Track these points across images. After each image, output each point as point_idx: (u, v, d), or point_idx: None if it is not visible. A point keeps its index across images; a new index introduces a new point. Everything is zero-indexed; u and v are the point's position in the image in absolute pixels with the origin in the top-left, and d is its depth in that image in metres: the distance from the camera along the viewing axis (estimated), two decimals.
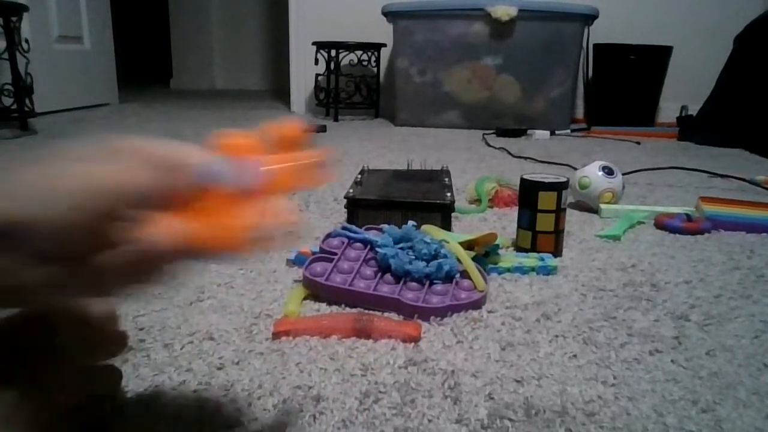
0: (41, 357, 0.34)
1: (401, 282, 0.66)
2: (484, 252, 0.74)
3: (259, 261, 0.77)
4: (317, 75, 2.57)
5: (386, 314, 0.61)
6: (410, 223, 0.75)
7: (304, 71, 2.74)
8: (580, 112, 2.65)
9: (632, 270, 0.77)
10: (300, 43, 2.74)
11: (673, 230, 0.95)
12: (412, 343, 0.56)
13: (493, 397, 0.47)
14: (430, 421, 0.44)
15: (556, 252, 0.81)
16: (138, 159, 0.28)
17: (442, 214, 0.86)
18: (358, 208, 0.88)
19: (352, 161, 1.52)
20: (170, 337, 0.55)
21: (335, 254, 0.70)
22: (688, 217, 0.97)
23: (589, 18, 2.25)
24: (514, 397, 0.47)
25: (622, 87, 2.44)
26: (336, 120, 2.50)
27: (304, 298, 0.65)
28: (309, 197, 1.12)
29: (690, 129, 2.13)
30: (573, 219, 1.01)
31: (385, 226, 0.75)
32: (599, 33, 2.42)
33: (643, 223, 1.00)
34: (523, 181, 0.82)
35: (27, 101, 1.90)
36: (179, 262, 0.30)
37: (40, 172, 0.27)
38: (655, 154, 1.78)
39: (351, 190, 0.90)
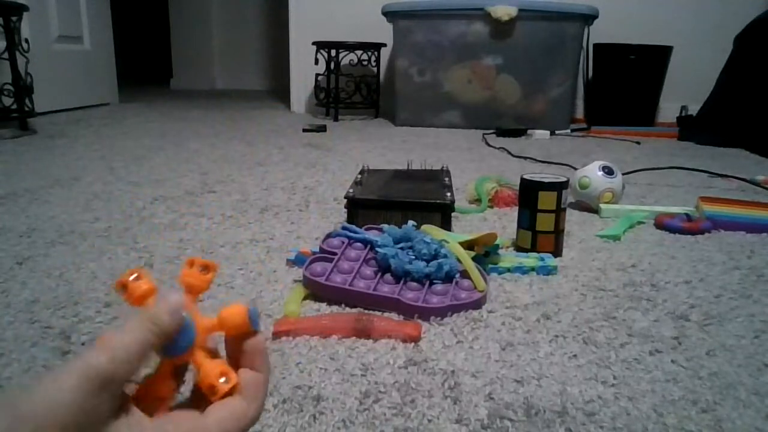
0: None
1: (401, 282, 0.66)
2: (484, 252, 0.74)
3: (259, 261, 0.77)
4: (317, 75, 2.57)
5: (386, 314, 0.61)
6: (410, 223, 0.75)
7: (304, 71, 2.74)
8: (580, 112, 2.65)
9: (632, 270, 0.77)
10: (300, 43, 2.74)
11: (673, 230, 0.95)
12: (412, 343, 0.56)
13: (493, 397, 0.47)
14: (430, 421, 0.44)
15: (556, 252, 0.81)
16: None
17: (442, 214, 0.86)
18: (358, 208, 0.88)
19: (352, 161, 1.52)
20: None
21: (335, 254, 0.70)
22: (688, 217, 0.97)
23: (589, 18, 2.25)
24: (514, 397, 0.47)
25: (622, 87, 2.44)
26: (336, 120, 2.50)
27: (304, 298, 0.65)
28: (309, 197, 1.12)
29: (690, 129, 2.13)
30: (573, 219, 1.01)
31: (385, 226, 0.75)
32: (599, 33, 2.42)
33: (643, 223, 1.00)
34: (523, 180, 0.82)
35: (27, 101, 1.90)
36: None
37: None
38: (655, 154, 1.78)
39: (351, 190, 0.90)
